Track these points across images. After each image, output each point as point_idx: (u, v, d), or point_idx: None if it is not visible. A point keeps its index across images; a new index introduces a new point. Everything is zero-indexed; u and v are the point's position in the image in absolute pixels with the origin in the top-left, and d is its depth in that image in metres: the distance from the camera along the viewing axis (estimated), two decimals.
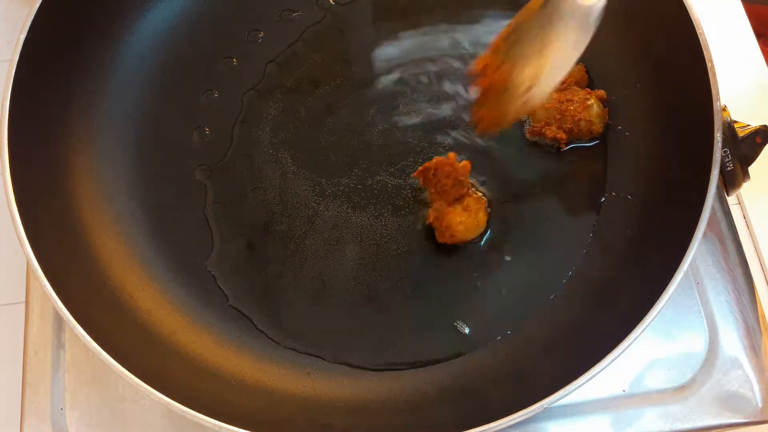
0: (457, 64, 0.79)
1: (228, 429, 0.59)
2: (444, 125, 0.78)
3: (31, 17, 0.69)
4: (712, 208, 0.63)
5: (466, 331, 0.70)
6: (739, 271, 0.74)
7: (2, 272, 0.82)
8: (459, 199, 0.70)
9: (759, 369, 0.71)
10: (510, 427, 0.58)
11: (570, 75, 0.76)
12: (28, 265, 0.64)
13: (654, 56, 0.74)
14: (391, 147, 0.77)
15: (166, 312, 0.71)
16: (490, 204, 0.73)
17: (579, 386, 0.58)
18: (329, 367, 0.69)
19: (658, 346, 0.71)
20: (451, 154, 0.68)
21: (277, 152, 0.77)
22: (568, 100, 0.74)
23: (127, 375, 0.60)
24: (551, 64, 0.59)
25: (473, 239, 0.72)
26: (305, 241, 0.74)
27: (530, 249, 0.72)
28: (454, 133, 0.77)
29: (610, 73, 0.77)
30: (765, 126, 0.70)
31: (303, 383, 0.68)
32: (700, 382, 0.70)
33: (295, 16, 0.83)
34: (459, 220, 0.70)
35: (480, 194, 0.73)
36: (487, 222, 0.72)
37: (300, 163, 0.77)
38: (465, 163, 0.69)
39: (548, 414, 0.70)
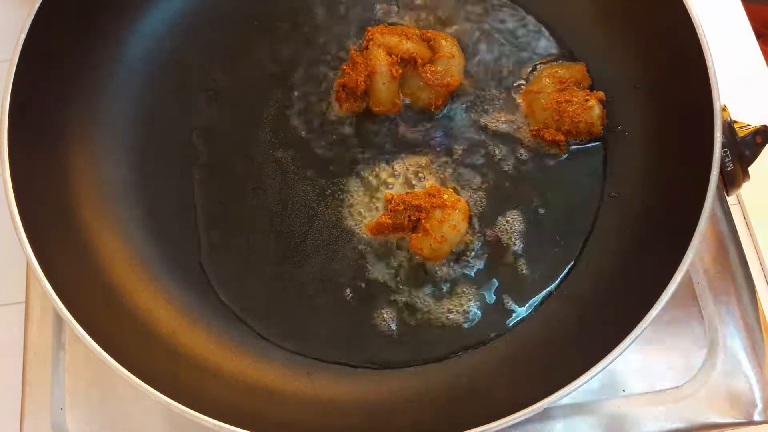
0: None
1: (228, 429, 0.59)
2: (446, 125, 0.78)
3: (31, 17, 0.69)
4: (712, 208, 0.63)
5: (465, 326, 0.70)
6: (739, 271, 0.74)
7: (2, 272, 0.82)
8: (416, 228, 0.71)
9: (759, 369, 0.71)
10: (510, 427, 0.58)
11: (570, 75, 0.76)
12: (28, 265, 0.64)
13: (654, 56, 0.74)
14: (392, 146, 0.77)
15: (165, 312, 0.71)
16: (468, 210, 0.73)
17: (579, 386, 0.58)
18: (329, 367, 0.69)
19: (658, 346, 0.71)
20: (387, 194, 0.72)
21: (277, 152, 0.77)
22: (566, 101, 0.74)
23: (127, 375, 0.60)
24: None
25: (455, 246, 0.72)
26: (305, 241, 0.74)
27: (530, 250, 0.72)
28: (451, 137, 0.77)
29: (609, 74, 0.77)
30: (765, 126, 0.70)
31: (303, 383, 0.68)
32: (700, 382, 0.70)
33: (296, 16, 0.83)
34: (421, 246, 0.71)
35: (442, 211, 0.71)
36: (467, 228, 0.72)
37: (300, 163, 0.77)
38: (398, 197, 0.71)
39: (548, 414, 0.70)
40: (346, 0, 0.83)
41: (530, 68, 0.79)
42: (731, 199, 0.81)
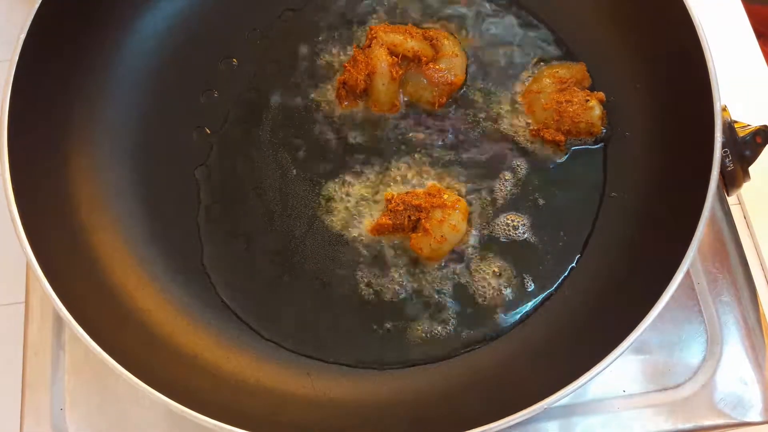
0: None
1: (228, 429, 0.59)
2: (446, 129, 0.78)
3: (31, 17, 0.70)
4: (712, 208, 0.63)
5: (466, 326, 0.70)
6: (739, 271, 0.74)
7: (2, 272, 0.82)
8: (416, 227, 0.71)
9: (759, 369, 0.71)
10: (510, 427, 0.58)
11: (571, 75, 0.76)
12: (28, 265, 0.64)
13: (654, 56, 0.74)
14: (393, 145, 0.77)
15: (165, 312, 0.71)
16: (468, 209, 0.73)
17: (579, 386, 0.58)
18: (329, 367, 0.69)
19: (659, 346, 0.71)
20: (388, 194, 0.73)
21: (277, 152, 0.77)
22: (567, 101, 0.74)
23: (127, 375, 0.60)
24: None
25: (455, 246, 0.72)
26: (305, 241, 0.74)
27: (530, 249, 0.72)
28: (450, 136, 0.77)
29: (610, 74, 0.77)
30: (765, 126, 0.70)
31: (303, 383, 0.68)
32: (700, 382, 0.70)
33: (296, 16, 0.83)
34: (420, 245, 0.71)
35: (442, 210, 0.71)
36: (466, 226, 0.72)
37: (300, 163, 0.77)
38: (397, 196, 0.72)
39: (548, 414, 0.70)
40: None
41: (530, 68, 0.79)
42: (731, 199, 0.81)
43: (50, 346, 0.73)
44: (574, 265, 0.72)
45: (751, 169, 0.70)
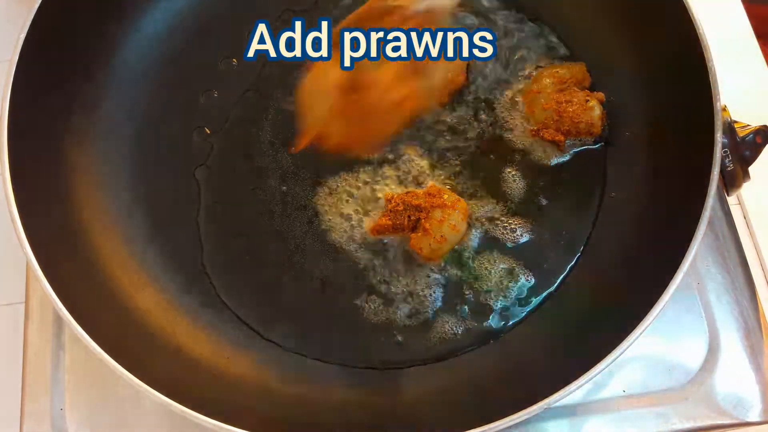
0: None
1: (228, 429, 0.59)
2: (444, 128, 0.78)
3: (31, 17, 0.69)
4: (712, 208, 0.63)
5: (465, 327, 0.70)
6: (739, 271, 0.74)
7: (2, 272, 0.82)
8: (415, 227, 0.71)
9: (759, 369, 0.70)
10: (510, 427, 0.58)
11: (571, 75, 0.76)
12: (28, 265, 0.64)
13: (654, 57, 0.74)
14: (393, 145, 0.77)
15: (165, 312, 0.71)
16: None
17: (579, 386, 0.58)
18: (329, 367, 0.69)
19: (658, 347, 0.71)
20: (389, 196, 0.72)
21: (277, 152, 0.77)
22: (567, 101, 0.74)
23: (127, 375, 0.60)
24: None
25: (455, 246, 0.72)
26: (305, 241, 0.74)
27: (530, 250, 0.72)
28: (450, 136, 0.77)
29: (610, 74, 0.77)
30: (765, 126, 0.70)
31: (303, 383, 0.68)
32: (700, 383, 0.70)
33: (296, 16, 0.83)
34: (420, 245, 0.71)
35: (442, 210, 0.71)
36: (465, 228, 0.72)
37: (300, 163, 0.77)
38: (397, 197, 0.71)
39: (548, 414, 0.70)
40: None
41: (530, 68, 0.79)
42: (731, 199, 0.81)
43: (50, 346, 0.73)
44: (573, 265, 0.72)
45: (751, 169, 0.70)
